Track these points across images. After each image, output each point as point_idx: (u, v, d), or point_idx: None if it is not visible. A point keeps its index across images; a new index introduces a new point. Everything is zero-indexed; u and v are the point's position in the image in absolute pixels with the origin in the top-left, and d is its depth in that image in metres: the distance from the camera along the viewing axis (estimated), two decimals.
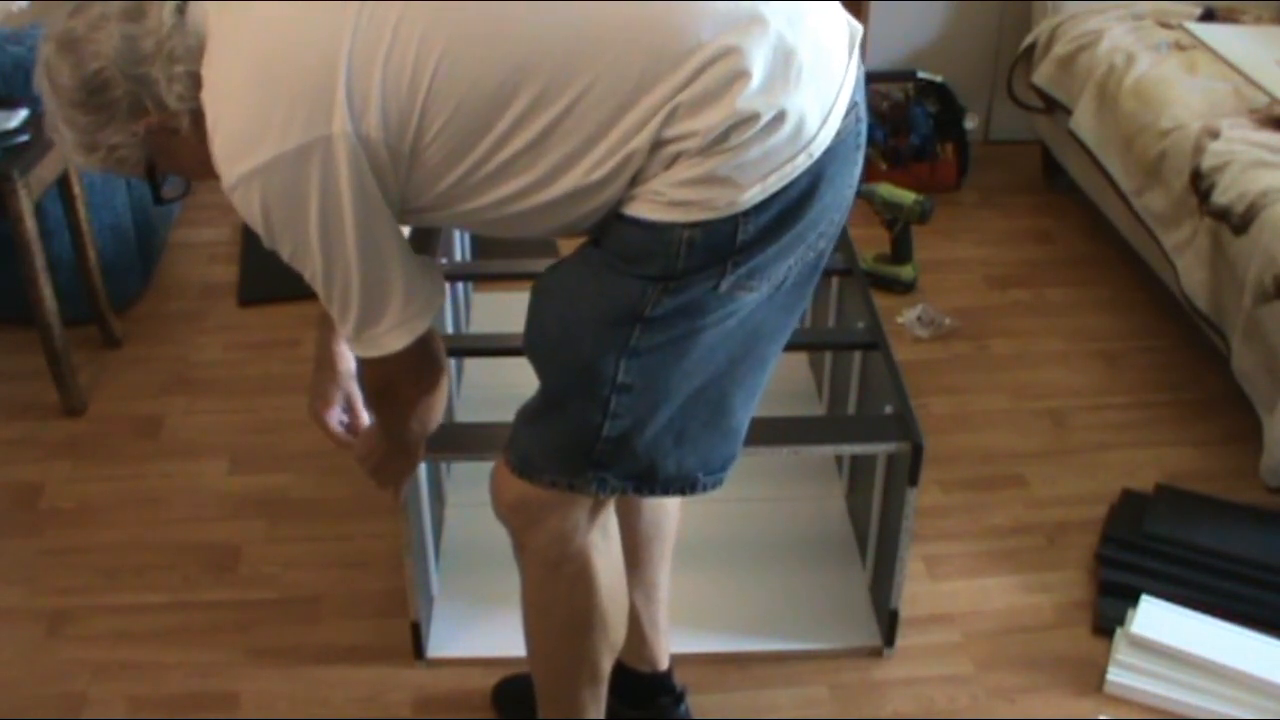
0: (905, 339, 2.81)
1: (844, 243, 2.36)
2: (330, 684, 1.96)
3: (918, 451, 1.85)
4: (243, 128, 1.23)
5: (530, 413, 1.48)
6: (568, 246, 3.45)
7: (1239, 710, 1.91)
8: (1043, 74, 3.16)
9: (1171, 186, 2.57)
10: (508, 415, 2.25)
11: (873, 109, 3.36)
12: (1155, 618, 2.01)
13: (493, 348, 2.49)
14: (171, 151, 1.33)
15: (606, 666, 1.63)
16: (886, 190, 2.97)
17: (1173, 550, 2.15)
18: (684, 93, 1.21)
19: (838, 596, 2.11)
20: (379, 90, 1.20)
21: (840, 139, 1.31)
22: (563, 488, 1.44)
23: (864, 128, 1.38)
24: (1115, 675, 1.96)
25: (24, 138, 2.38)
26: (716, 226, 1.26)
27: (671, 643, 2.00)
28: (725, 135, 1.22)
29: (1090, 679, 1.99)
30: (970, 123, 3.46)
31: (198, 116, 1.27)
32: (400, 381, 1.46)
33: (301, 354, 2.63)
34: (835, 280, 2.39)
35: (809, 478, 2.36)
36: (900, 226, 2.96)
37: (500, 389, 2.56)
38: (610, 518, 1.55)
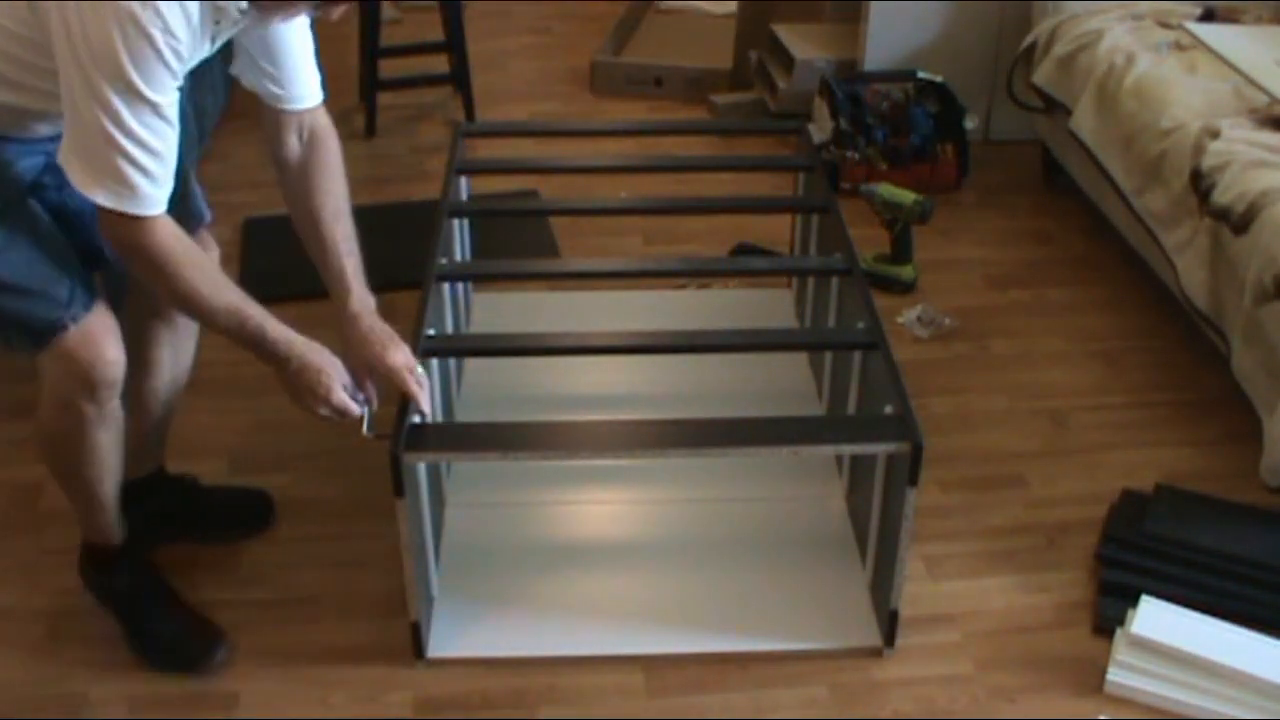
0: (905, 339, 2.81)
1: (844, 243, 2.36)
2: (330, 684, 1.96)
3: (918, 451, 1.85)
4: None
5: None
6: (568, 249, 3.45)
7: (1239, 710, 1.91)
8: (1043, 74, 3.16)
9: (1171, 186, 2.57)
10: (508, 415, 2.26)
11: (873, 109, 3.36)
12: (1155, 618, 2.01)
13: (493, 348, 2.49)
14: None
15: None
16: (886, 190, 2.97)
17: (1173, 550, 2.15)
18: None
19: (838, 596, 2.11)
20: None
21: None
22: None
23: None
24: (1115, 675, 1.96)
25: None
26: None
27: (672, 642, 2.01)
28: None
29: (1090, 679, 1.99)
30: (970, 123, 3.46)
31: None
32: None
33: None
34: (835, 280, 2.39)
35: (809, 478, 2.36)
36: (900, 226, 2.96)
37: (500, 389, 2.57)
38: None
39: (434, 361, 2.13)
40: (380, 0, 3.66)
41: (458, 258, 2.58)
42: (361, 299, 1.90)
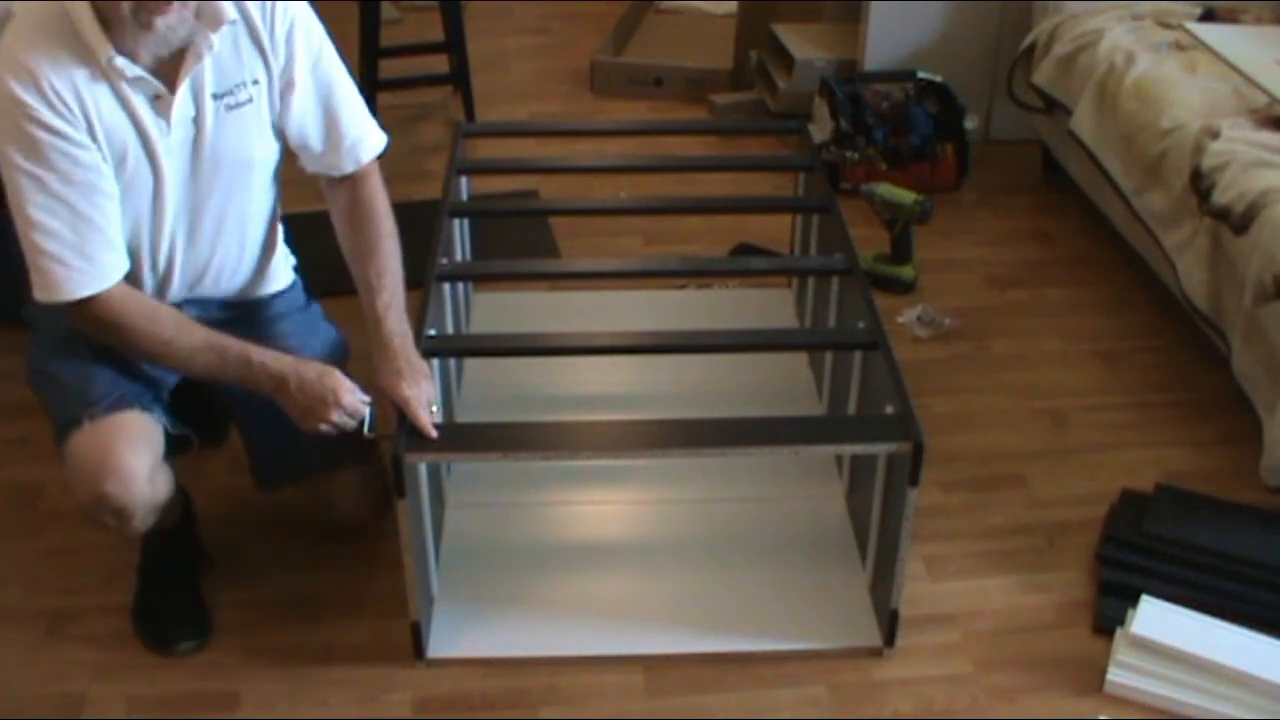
0: (905, 339, 2.81)
1: (844, 243, 2.36)
2: (330, 684, 1.96)
3: (918, 451, 1.85)
4: None
5: None
6: (568, 249, 3.44)
7: (1239, 710, 1.91)
8: (1043, 74, 3.17)
9: (1171, 186, 2.57)
10: (508, 415, 2.26)
11: (873, 109, 3.36)
12: (1155, 618, 2.01)
13: (493, 348, 2.49)
14: None
15: None
16: (886, 190, 2.97)
17: (1173, 550, 2.15)
18: None
19: (838, 596, 2.11)
20: None
21: None
22: None
23: None
24: (1115, 675, 1.96)
25: None
26: None
27: (672, 642, 2.01)
28: None
29: (1090, 679, 1.99)
30: (970, 123, 3.46)
31: None
32: None
33: None
34: (835, 280, 2.39)
35: (809, 478, 2.36)
36: (900, 226, 2.96)
37: (500, 389, 2.57)
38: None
39: (434, 361, 2.13)
40: (380, 0, 3.66)
41: (458, 258, 2.58)
42: (390, 331, 1.91)
